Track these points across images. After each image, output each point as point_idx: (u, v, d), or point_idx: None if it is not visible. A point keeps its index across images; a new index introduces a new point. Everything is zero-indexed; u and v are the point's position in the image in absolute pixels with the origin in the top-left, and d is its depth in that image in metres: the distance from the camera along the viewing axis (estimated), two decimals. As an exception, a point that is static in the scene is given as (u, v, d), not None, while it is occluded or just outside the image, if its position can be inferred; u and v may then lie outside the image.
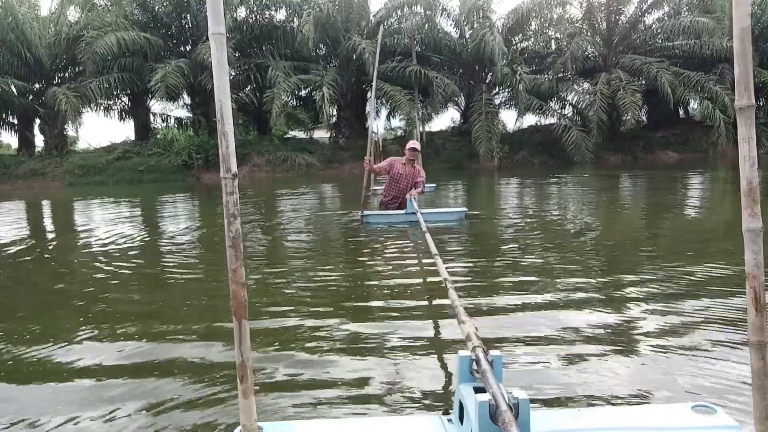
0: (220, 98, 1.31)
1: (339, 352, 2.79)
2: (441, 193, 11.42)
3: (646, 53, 21.16)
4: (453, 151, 20.71)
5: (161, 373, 2.59)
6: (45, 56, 19.59)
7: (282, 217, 8.86)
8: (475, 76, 21.64)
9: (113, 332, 3.21)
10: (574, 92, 21.77)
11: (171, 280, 4.76)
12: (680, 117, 25.28)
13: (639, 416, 1.61)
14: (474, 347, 1.63)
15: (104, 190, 15.26)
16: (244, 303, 1.36)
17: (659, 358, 2.58)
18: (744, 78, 1.17)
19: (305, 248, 5.95)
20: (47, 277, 5.03)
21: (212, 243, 6.59)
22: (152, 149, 19.55)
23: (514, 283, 4.04)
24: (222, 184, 1.32)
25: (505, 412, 1.31)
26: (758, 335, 1.21)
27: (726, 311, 3.17)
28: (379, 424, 1.69)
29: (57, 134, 20.55)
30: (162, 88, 17.66)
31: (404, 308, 3.53)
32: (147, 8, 20.25)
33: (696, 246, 5.33)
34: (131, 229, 7.89)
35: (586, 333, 2.94)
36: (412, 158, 6.96)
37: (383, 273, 4.71)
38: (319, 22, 18.89)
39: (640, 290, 3.75)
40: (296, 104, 23.99)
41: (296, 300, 3.76)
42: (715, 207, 8.89)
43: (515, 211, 8.48)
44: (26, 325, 3.46)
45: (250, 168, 18.87)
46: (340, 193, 12.95)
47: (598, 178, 14.64)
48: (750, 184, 1.19)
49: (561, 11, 21.55)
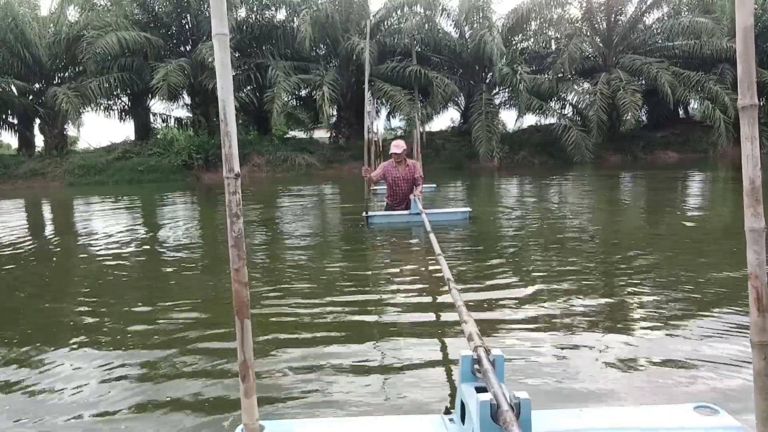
0: (223, 99, 1.31)
1: (341, 351, 2.79)
2: (441, 193, 11.41)
3: (646, 53, 21.15)
4: (453, 151, 20.70)
5: (162, 372, 2.59)
6: (45, 56, 19.57)
7: (283, 217, 8.86)
8: (475, 76, 21.63)
9: (113, 332, 3.21)
10: (574, 92, 21.76)
11: (171, 279, 4.76)
12: (680, 117, 25.25)
13: (641, 416, 1.61)
14: (476, 347, 1.63)
15: (104, 190, 15.25)
16: (246, 302, 1.36)
17: (661, 358, 2.58)
18: (747, 77, 1.16)
19: (308, 248, 5.95)
20: (47, 277, 5.03)
21: (213, 243, 6.60)
22: (152, 149, 19.54)
23: (515, 284, 4.04)
24: (225, 183, 1.32)
25: (506, 411, 1.31)
26: (760, 336, 1.21)
27: (728, 312, 3.16)
28: (380, 422, 1.69)
29: (57, 134, 20.53)
30: (164, 87, 17.64)
31: (407, 307, 3.53)
32: (147, 8, 20.23)
33: (697, 246, 5.33)
34: (131, 228, 7.89)
35: (587, 333, 2.94)
36: (398, 160, 6.90)
37: (386, 273, 4.71)
38: (318, 22, 18.87)
39: (641, 290, 3.76)
40: (296, 104, 23.97)
41: (298, 299, 3.76)
42: (717, 207, 8.89)
43: (516, 212, 8.47)
44: (25, 325, 3.46)
45: (250, 168, 18.86)
46: (341, 194, 12.94)
47: (598, 178, 14.64)
48: (752, 184, 1.18)
49: (561, 11, 21.54)
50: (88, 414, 2.21)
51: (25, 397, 2.41)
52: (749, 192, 1.19)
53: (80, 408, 2.27)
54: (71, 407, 2.28)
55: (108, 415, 2.20)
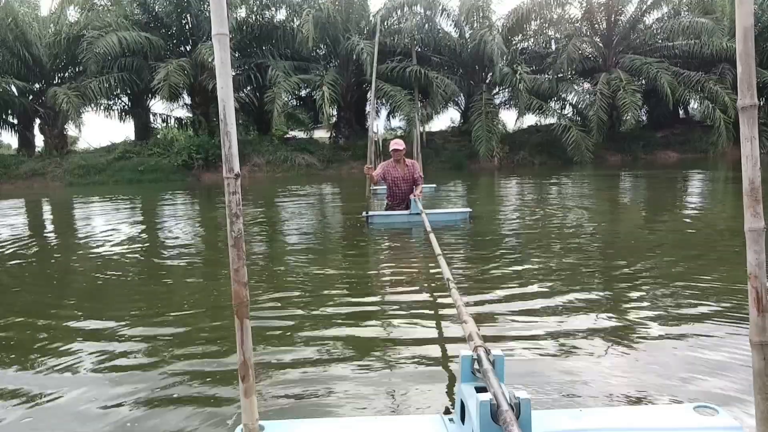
0: (223, 99, 1.31)
1: (341, 350, 2.79)
2: (441, 193, 11.41)
3: (646, 53, 21.14)
4: (453, 151, 20.69)
5: (162, 372, 2.59)
6: (45, 56, 19.56)
7: (283, 217, 8.86)
8: (475, 76, 21.62)
9: (113, 332, 3.21)
10: (574, 92, 21.75)
11: (171, 279, 4.76)
12: (680, 117, 25.25)
13: (640, 416, 1.61)
14: (476, 347, 1.63)
15: (104, 190, 15.25)
16: (245, 302, 1.36)
17: (661, 358, 2.58)
18: (747, 77, 1.16)
19: (307, 248, 5.95)
20: (46, 277, 5.03)
21: (212, 242, 6.60)
22: (152, 149, 19.53)
23: (515, 284, 4.04)
24: (224, 183, 1.32)
25: (506, 411, 1.31)
26: (760, 336, 1.21)
27: (727, 312, 3.16)
28: (380, 422, 1.69)
29: (57, 134, 20.52)
30: (165, 87, 17.64)
31: (407, 307, 3.53)
32: (147, 8, 20.23)
33: (697, 246, 5.33)
34: (131, 228, 7.89)
35: (587, 333, 2.94)
36: (398, 158, 6.91)
37: (386, 272, 4.72)
38: (319, 22, 18.88)
39: (641, 290, 3.76)
40: (296, 104, 23.98)
41: (298, 299, 3.76)
42: (716, 207, 8.89)
43: (516, 212, 8.47)
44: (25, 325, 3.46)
45: (250, 168, 18.86)
46: (341, 194, 12.95)
47: (598, 178, 14.64)
48: (752, 184, 1.19)
49: (561, 11, 21.54)
50: (87, 414, 2.21)
51: (25, 397, 2.41)
52: (749, 192, 1.19)
53: (80, 408, 2.27)
54: (71, 407, 2.28)
55: (108, 415, 2.20)
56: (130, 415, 2.19)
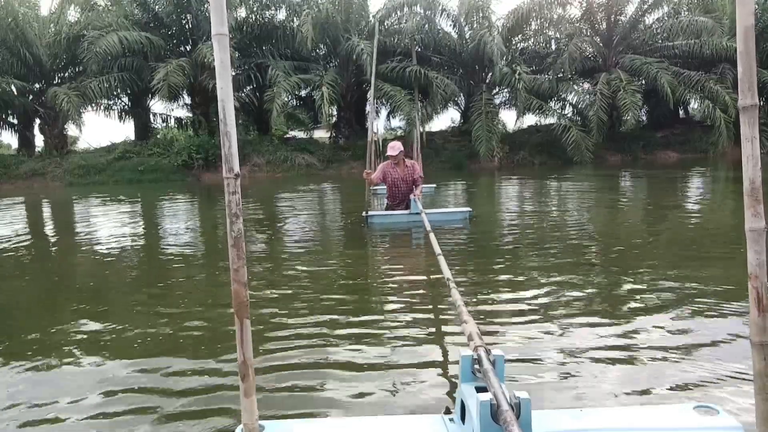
0: (223, 99, 1.31)
1: (341, 350, 2.79)
2: (441, 193, 11.41)
3: (646, 53, 21.13)
4: (453, 151, 20.68)
5: (162, 372, 2.59)
6: (45, 56, 19.55)
7: (283, 216, 8.86)
8: (474, 76, 21.62)
9: (113, 332, 3.21)
10: (574, 92, 21.74)
11: (171, 279, 4.76)
12: (680, 117, 25.23)
13: (641, 417, 1.61)
14: (476, 347, 1.63)
15: (104, 190, 15.25)
16: (245, 302, 1.36)
17: (661, 358, 2.58)
18: (747, 77, 1.16)
19: (307, 248, 5.95)
20: (46, 277, 5.03)
21: (212, 242, 6.60)
22: (152, 149, 19.52)
23: (515, 284, 4.04)
24: (224, 183, 1.32)
25: (506, 411, 1.31)
26: (760, 336, 1.21)
27: (728, 312, 3.16)
28: (380, 423, 1.69)
29: (57, 134, 20.51)
30: (164, 87, 17.63)
31: (407, 307, 3.53)
32: (147, 8, 20.23)
33: (697, 246, 5.33)
34: (131, 228, 7.88)
35: (587, 333, 2.93)
36: (395, 162, 6.89)
37: (386, 272, 4.71)
38: (319, 22, 18.88)
39: (641, 290, 3.75)
40: (296, 104, 23.96)
41: (298, 299, 3.75)
42: (717, 207, 8.89)
43: (516, 212, 8.47)
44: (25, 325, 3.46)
45: (250, 168, 18.85)
46: (341, 193, 12.95)
47: (598, 178, 14.64)
48: (753, 184, 1.18)
49: (561, 11, 21.54)
50: (87, 413, 2.21)
51: (25, 397, 2.40)
52: (749, 192, 1.19)
53: (80, 407, 2.27)
54: (71, 407, 2.28)
55: (108, 414, 2.20)
56: (129, 415, 2.19)
